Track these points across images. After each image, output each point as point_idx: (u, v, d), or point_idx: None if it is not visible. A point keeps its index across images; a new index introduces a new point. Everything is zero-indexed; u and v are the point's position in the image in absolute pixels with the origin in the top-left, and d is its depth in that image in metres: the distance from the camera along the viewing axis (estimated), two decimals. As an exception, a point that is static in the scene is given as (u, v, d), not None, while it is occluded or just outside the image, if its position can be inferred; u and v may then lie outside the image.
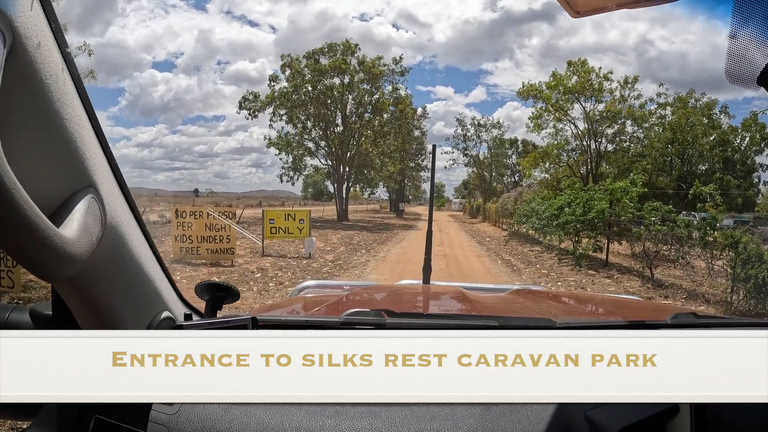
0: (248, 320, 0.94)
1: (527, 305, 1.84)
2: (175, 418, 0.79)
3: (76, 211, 0.61)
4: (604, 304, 2.08)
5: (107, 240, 0.71)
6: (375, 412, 0.80)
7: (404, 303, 1.92)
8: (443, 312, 1.77)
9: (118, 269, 0.77)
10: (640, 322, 1.32)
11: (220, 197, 62.72)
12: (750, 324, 1.39)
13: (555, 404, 0.81)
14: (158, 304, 0.90)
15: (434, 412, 0.80)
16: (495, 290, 2.39)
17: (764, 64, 0.54)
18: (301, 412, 0.79)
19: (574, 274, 10.25)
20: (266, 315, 1.21)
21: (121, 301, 0.80)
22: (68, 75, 0.61)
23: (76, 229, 0.60)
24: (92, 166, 0.66)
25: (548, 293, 2.42)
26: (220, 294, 1.02)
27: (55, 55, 0.58)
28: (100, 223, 0.68)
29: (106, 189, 0.70)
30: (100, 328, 0.80)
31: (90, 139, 0.66)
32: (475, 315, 1.52)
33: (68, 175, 0.63)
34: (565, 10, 0.72)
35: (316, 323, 1.18)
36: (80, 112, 0.64)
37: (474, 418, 0.79)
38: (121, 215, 0.75)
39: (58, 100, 0.57)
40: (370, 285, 2.56)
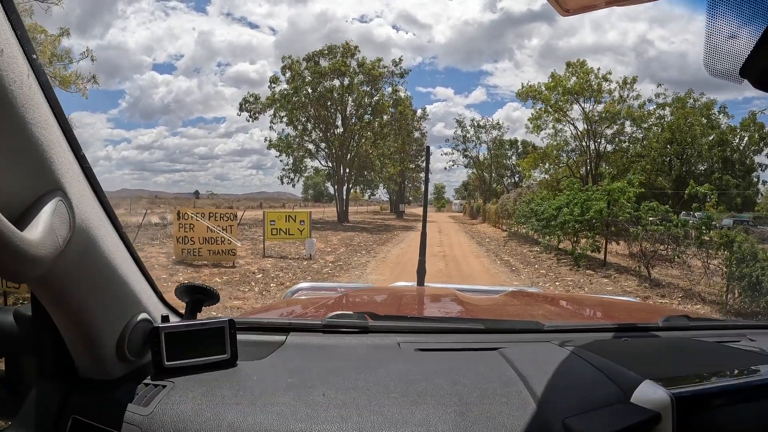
0: (225, 323, 0.95)
1: (519, 307, 1.83)
2: (148, 419, 0.79)
3: (41, 214, 0.62)
4: (598, 306, 2.07)
5: (77, 242, 0.71)
6: (346, 416, 0.79)
7: (392, 305, 1.91)
8: (430, 315, 1.76)
9: (90, 271, 0.77)
10: (632, 325, 1.32)
11: (221, 199, 62.80)
12: (742, 326, 1.38)
13: (533, 411, 0.81)
14: (135, 305, 0.90)
15: (407, 417, 0.79)
16: (490, 292, 2.37)
17: (746, 56, 0.52)
18: (272, 416, 0.78)
19: (572, 274, 10.33)
20: (247, 318, 1.21)
21: (95, 302, 0.80)
22: (35, 80, 0.62)
23: (40, 231, 0.60)
24: (60, 169, 0.66)
25: (543, 295, 2.42)
26: (199, 296, 1.01)
27: (20, 61, 0.58)
28: (68, 226, 0.68)
29: (75, 192, 0.70)
30: (76, 329, 0.81)
31: (58, 142, 0.66)
32: (461, 318, 1.51)
33: (34, 179, 0.63)
34: (555, 9, 0.71)
35: (299, 326, 1.16)
36: (47, 116, 0.64)
37: (447, 425, 0.77)
38: (92, 217, 0.75)
39: (22, 105, 0.58)
40: (365, 287, 2.56)
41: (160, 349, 0.90)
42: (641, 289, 8.68)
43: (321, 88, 29.15)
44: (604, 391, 0.81)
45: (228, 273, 9.58)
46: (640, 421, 0.72)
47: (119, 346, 0.86)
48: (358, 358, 1.01)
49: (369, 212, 52.59)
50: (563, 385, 0.86)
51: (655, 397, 0.73)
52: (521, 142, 42.65)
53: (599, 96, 28.35)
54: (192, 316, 1.00)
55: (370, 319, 1.19)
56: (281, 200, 67.08)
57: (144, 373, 0.91)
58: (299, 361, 0.98)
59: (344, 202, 30.95)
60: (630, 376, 0.80)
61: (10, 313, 0.95)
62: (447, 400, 0.83)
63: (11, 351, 0.98)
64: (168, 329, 0.91)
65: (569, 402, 0.80)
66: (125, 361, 0.88)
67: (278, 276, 9.46)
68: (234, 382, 0.88)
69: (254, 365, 0.96)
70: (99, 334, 0.82)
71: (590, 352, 0.96)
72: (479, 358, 1.03)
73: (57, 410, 0.85)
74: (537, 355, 1.01)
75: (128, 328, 0.87)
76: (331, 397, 0.83)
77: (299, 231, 12.22)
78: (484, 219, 34.91)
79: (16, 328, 0.94)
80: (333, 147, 30.38)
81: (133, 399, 0.84)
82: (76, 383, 0.88)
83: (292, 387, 0.86)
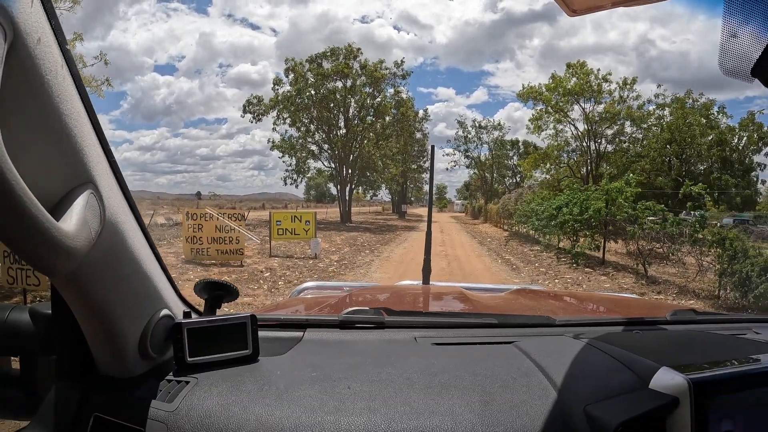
0: (247, 318, 0.95)
1: (527, 304, 1.84)
2: (174, 415, 0.79)
3: (75, 205, 0.62)
4: (604, 302, 2.09)
5: (106, 236, 0.71)
6: (374, 407, 0.80)
7: (403, 302, 1.93)
8: (443, 310, 1.77)
9: (117, 266, 0.77)
10: (641, 319, 1.34)
11: (223, 200, 62.85)
12: (747, 320, 1.41)
13: (554, 399, 0.82)
14: (157, 302, 0.89)
15: (433, 408, 0.80)
16: (495, 290, 2.38)
17: (757, 56, 0.54)
18: (300, 409, 0.79)
19: (571, 272, 10.60)
20: (264, 314, 1.21)
21: (119, 298, 0.80)
22: (67, 71, 0.62)
23: (75, 223, 0.60)
24: (91, 162, 0.67)
25: (549, 293, 2.40)
26: (218, 292, 1.01)
27: (54, 51, 0.59)
28: (99, 219, 0.68)
29: (105, 186, 0.70)
30: (99, 326, 0.81)
31: (89, 135, 0.67)
32: (474, 313, 1.51)
33: (67, 171, 0.64)
34: (562, 10, 0.72)
35: (316, 322, 1.18)
36: (79, 108, 0.64)
37: (473, 414, 0.78)
38: (120, 212, 0.75)
39: (57, 95, 0.58)
40: (370, 286, 2.53)
41: (182, 345, 0.90)
42: (638, 286, 8.95)
43: (324, 90, 29.47)
44: (622, 378, 0.83)
45: (237, 272, 9.87)
46: (659, 405, 0.73)
47: (142, 342, 0.86)
48: (377, 353, 1.02)
49: (371, 213, 52.87)
50: (581, 375, 0.88)
51: (673, 382, 0.75)
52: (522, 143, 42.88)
53: (599, 96, 28.66)
54: (211, 313, 1.00)
55: (385, 314, 1.20)
56: (283, 201, 67.07)
57: (165, 370, 0.91)
58: (319, 357, 0.99)
59: (347, 203, 31.28)
60: (647, 364, 0.83)
61: (26, 311, 0.95)
62: (470, 390, 0.84)
63: (27, 350, 0.97)
64: (190, 325, 0.91)
65: (589, 390, 0.82)
66: (147, 358, 0.88)
67: (285, 275, 9.74)
68: (258, 377, 0.89)
69: (275, 360, 0.97)
70: (122, 330, 0.82)
71: (604, 343, 0.99)
72: (496, 351, 1.04)
73: (76, 409, 0.84)
74: (552, 347, 1.02)
75: (151, 324, 0.87)
76: (357, 389, 0.84)
77: (305, 231, 12.51)
78: (486, 219, 35.16)
79: (33, 327, 0.93)
80: (336, 148, 30.71)
81: (157, 395, 0.84)
82: (95, 381, 0.87)
83: (317, 381, 0.87)
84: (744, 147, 27.71)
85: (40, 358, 0.97)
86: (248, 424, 0.76)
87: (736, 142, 27.83)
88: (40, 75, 0.56)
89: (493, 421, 0.77)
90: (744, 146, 27.72)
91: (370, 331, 1.14)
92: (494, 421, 0.77)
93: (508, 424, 0.77)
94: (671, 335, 1.19)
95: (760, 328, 1.25)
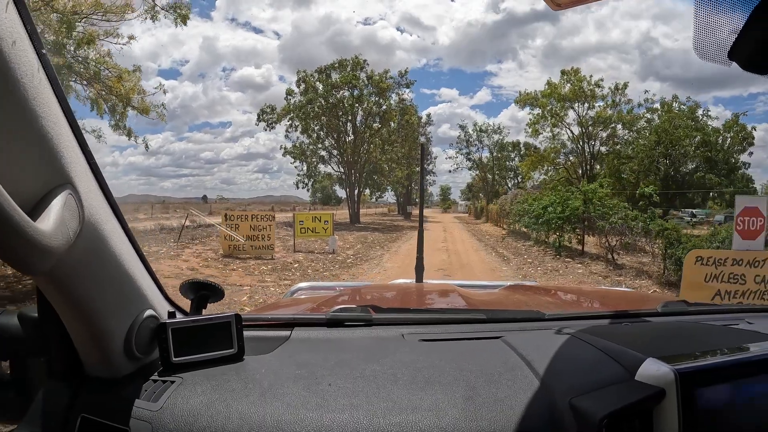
0: (231, 317, 0.96)
1: (519, 299, 1.85)
2: (158, 414, 0.79)
3: (53, 206, 0.62)
4: (597, 296, 2.11)
5: (86, 236, 0.71)
6: (356, 404, 0.79)
7: (394, 300, 1.93)
8: (431, 307, 1.78)
9: (98, 266, 0.77)
10: (632, 311, 1.33)
11: (230, 204, 64.17)
12: (740, 310, 1.41)
13: (540, 392, 0.81)
14: (141, 302, 0.89)
15: (416, 403, 0.79)
16: (489, 287, 2.36)
17: (733, 39, 0.53)
18: (283, 406, 0.79)
19: (553, 262, 12.40)
20: (251, 314, 1.21)
21: (102, 298, 0.80)
22: (44, 75, 0.62)
23: (52, 222, 0.60)
24: (69, 164, 0.67)
25: (542, 288, 2.43)
26: (204, 292, 1.01)
27: (30, 55, 0.59)
28: (78, 219, 0.68)
29: (84, 187, 0.70)
30: (83, 326, 0.81)
31: (67, 138, 0.67)
32: (463, 309, 1.52)
33: (45, 172, 0.64)
34: (547, 4, 0.72)
35: (303, 321, 1.18)
36: (57, 111, 0.64)
37: (457, 409, 0.78)
38: (100, 213, 0.75)
39: (33, 98, 0.58)
40: (364, 285, 2.56)
41: (167, 345, 0.91)
42: (606, 271, 10.76)
43: (333, 99, 31.42)
44: (609, 370, 0.83)
45: (270, 264, 11.72)
46: (645, 396, 0.73)
47: (127, 342, 0.86)
48: (364, 350, 1.02)
49: (378, 214, 54.62)
50: (568, 368, 0.89)
51: (659, 373, 0.74)
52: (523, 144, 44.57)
53: (593, 101, 30.52)
54: (197, 313, 1.00)
55: (373, 312, 1.21)
56: (290, 203, 67.66)
57: (152, 370, 0.92)
58: (306, 355, 0.98)
59: (356, 205, 33.25)
60: (633, 355, 0.82)
61: (15, 315, 0.94)
62: (454, 385, 0.84)
63: (17, 353, 0.96)
64: (175, 325, 0.91)
65: (574, 383, 0.82)
66: (133, 359, 0.88)
67: (311, 265, 11.62)
68: (242, 375, 0.89)
69: (261, 359, 0.97)
70: (107, 331, 0.82)
71: (593, 335, 0.99)
72: (483, 346, 1.04)
73: (65, 410, 0.84)
74: (540, 341, 1.02)
75: (135, 325, 0.87)
76: (340, 386, 0.84)
77: (324, 229, 14.39)
78: (487, 219, 36.67)
79: (21, 331, 0.92)
80: (345, 153, 32.79)
81: (142, 395, 0.84)
82: (83, 382, 0.88)
83: (301, 378, 0.87)
84: (729, 147, 29.42)
85: (30, 361, 0.97)
86: (231, 421, 0.76)
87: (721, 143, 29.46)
88: (15, 78, 0.56)
89: (477, 416, 0.76)
90: (729, 147, 29.43)
91: (357, 329, 1.14)
92: (478, 415, 0.77)
93: (491, 418, 0.76)
94: (661, 327, 1.19)
95: (752, 318, 1.25)
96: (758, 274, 5.30)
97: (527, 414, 0.78)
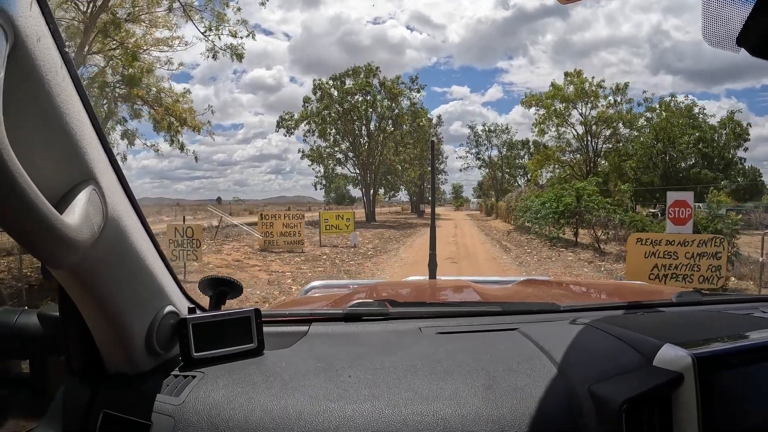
0: (251, 312, 0.97)
1: (533, 293, 1.88)
2: (180, 408, 0.80)
3: (77, 201, 0.63)
4: (610, 288, 2.17)
5: (109, 231, 0.72)
6: (377, 394, 0.80)
7: (409, 295, 1.97)
8: (447, 301, 1.81)
9: (120, 261, 0.78)
10: (647, 302, 1.35)
11: (246, 205, 65.61)
12: (754, 299, 1.44)
13: (558, 380, 0.82)
14: (162, 298, 0.90)
15: (437, 393, 0.80)
16: (502, 282, 2.37)
17: (741, 25, 0.52)
18: (305, 398, 0.80)
19: (548, 251, 14.08)
20: (269, 310, 1.23)
21: (124, 295, 0.81)
22: (66, 72, 0.63)
23: (78, 216, 0.62)
24: (92, 160, 0.68)
25: (555, 282, 2.43)
26: (223, 288, 1.03)
27: (53, 53, 0.60)
28: (101, 215, 0.69)
29: (106, 183, 0.71)
30: (106, 323, 0.82)
31: (89, 134, 0.68)
32: (478, 302, 1.56)
33: (69, 168, 0.65)
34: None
35: (321, 316, 1.20)
36: (79, 108, 0.65)
37: (477, 398, 0.78)
38: (121, 209, 0.76)
39: (57, 95, 0.60)
40: (375, 282, 2.54)
41: (188, 341, 0.92)
42: (592, 258, 12.45)
43: (347, 105, 33.44)
44: (626, 357, 0.83)
45: (302, 256, 13.58)
46: (663, 382, 0.73)
47: (148, 338, 0.87)
48: (382, 343, 1.02)
49: (391, 212, 56.45)
50: (585, 356, 0.89)
51: (677, 358, 0.75)
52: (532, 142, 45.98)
53: (596, 101, 31.99)
54: (216, 309, 1.01)
55: (390, 306, 1.22)
56: (305, 204, 68.18)
57: (172, 365, 0.93)
58: (324, 348, 1.00)
59: (371, 204, 35.24)
60: (650, 342, 0.83)
61: (35, 314, 0.96)
62: (474, 375, 0.85)
63: (36, 352, 0.98)
64: (195, 320, 0.93)
65: (593, 370, 0.82)
66: (154, 354, 0.90)
67: (337, 257, 13.48)
68: (263, 369, 0.90)
69: (280, 354, 0.99)
70: (128, 327, 0.83)
71: (608, 324, 0.99)
72: (500, 338, 1.05)
73: (86, 407, 0.85)
74: (556, 332, 1.02)
75: (156, 321, 0.88)
76: (360, 378, 0.85)
77: (346, 226, 16.27)
78: (497, 216, 38.04)
79: (41, 330, 0.94)
80: (361, 156, 34.80)
81: (164, 390, 0.85)
82: (104, 379, 0.89)
83: (321, 371, 0.88)
84: (724, 144, 30.62)
85: (49, 360, 0.99)
86: (254, 414, 0.77)
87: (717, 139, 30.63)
88: (40, 75, 0.57)
89: (497, 404, 0.77)
90: (724, 143, 30.62)
91: (374, 323, 1.15)
92: (498, 404, 0.77)
93: (512, 406, 0.77)
94: (676, 316, 1.21)
95: (767, 307, 1.25)
96: (688, 251, 6.98)
97: (547, 401, 0.78)
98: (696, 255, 6.93)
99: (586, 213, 13.80)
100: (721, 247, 6.89)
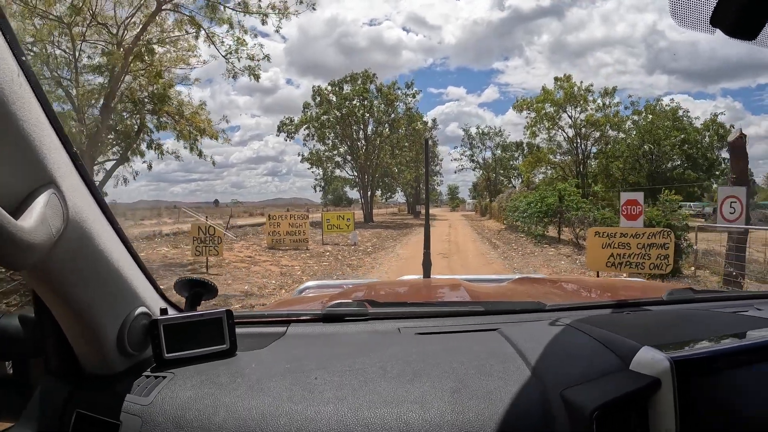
0: (222, 313, 0.98)
1: (523, 291, 1.88)
2: (148, 409, 0.80)
3: (34, 205, 0.64)
4: (605, 286, 2.13)
5: (70, 234, 0.72)
6: (342, 396, 0.79)
7: (395, 295, 1.96)
8: (429, 300, 1.78)
9: (85, 263, 0.78)
10: (637, 300, 1.32)
11: (245, 207, 66.25)
12: (749, 296, 1.41)
13: (531, 384, 0.80)
14: (134, 300, 0.91)
15: (402, 396, 0.79)
16: (497, 281, 2.37)
17: (715, 2, 0.49)
18: (269, 399, 0.79)
19: (532, 247, 15.36)
20: (247, 311, 1.19)
21: (93, 296, 0.81)
22: (25, 80, 0.64)
23: (33, 220, 0.62)
24: (52, 164, 0.68)
25: (548, 280, 2.39)
26: (198, 290, 1.03)
27: (9, 61, 0.61)
28: (62, 218, 0.69)
29: (67, 186, 0.71)
30: (77, 325, 0.83)
31: (49, 138, 0.68)
32: (461, 301, 1.55)
33: (27, 173, 0.65)
34: None
35: (299, 317, 1.18)
36: (38, 114, 0.66)
37: (443, 401, 0.77)
38: (85, 211, 0.76)
39: (13, 103, 0.60)
40: (368, 282, 2.54)
41: (159, 342, 0.93)
42: (570, 252, 13.75)
43: (345, 110, 34.66)
44: (603, 361, 0.81)
45: (307, 253, 14.75)
46: (639, 387, 0.70)
47: (120, 340, 0.87)
48: (358, 344, 1.02)
49: (388, 213, 57.79)
50: (562, 359, 0.87)
51: (654, 362, 0.72)
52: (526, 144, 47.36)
53: (585, 105, 33.42)
54: (192, 310, 1.02)
55: (369, 306, 1.22)
56: (303, 205, 68.55)
57: (146, 366, 0.93)
58: (299, 350, 1.00)
59: (369, 205, 36.49)
60: (629, 344, 0.80)
61: (16, 317, 0.96)
62: (443, 378, 0.83)
63: (18, 354, 0.99)
64: (166, 321, 0.94)
65: (568, 374, 0.80)
66: (127, 355, 0.90)
67: (339, 253, 14.70)
68: (233, 370, 0.90)
69: (254, 354, 0.99)
70: (99, 329, 0.84)
71: (591, 325, 0.96)
72: (478, 339, 1.04)
73: (62, 406, 0.86)
74: (537, 332, 1.00)
75: (128, 322, 0.88)
76: (327, 379, 0.85)
77: (346, 226, 17.52)
78: (491, 216, 39.09)
79: (22, 332, 0.94)
80: (359, 159, 36.02)
81: (134, 390, 0.85)
82: (80, 380, 0.89)
83: (290, 372, 0.88)
84: (708, 145, 31.78)
85: (31, 361, 0.99)
86: (218, 415, 0.77)
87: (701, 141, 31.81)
88: None
89: (464, 408, 0.75)
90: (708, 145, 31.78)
91: (354, 324, 1.14)
92: (464, 408, 0.75)
93: (479, 411, 0.75)
94: (663, 315, 1.17)
95: (761, 305, 1.23)
96: (639, 242, 8.27)
97: (517, 406, 0.75)
98: (646, 245, 8.23)
99: (566, 212, 15.13)
100: (669, 239, 8.19)
